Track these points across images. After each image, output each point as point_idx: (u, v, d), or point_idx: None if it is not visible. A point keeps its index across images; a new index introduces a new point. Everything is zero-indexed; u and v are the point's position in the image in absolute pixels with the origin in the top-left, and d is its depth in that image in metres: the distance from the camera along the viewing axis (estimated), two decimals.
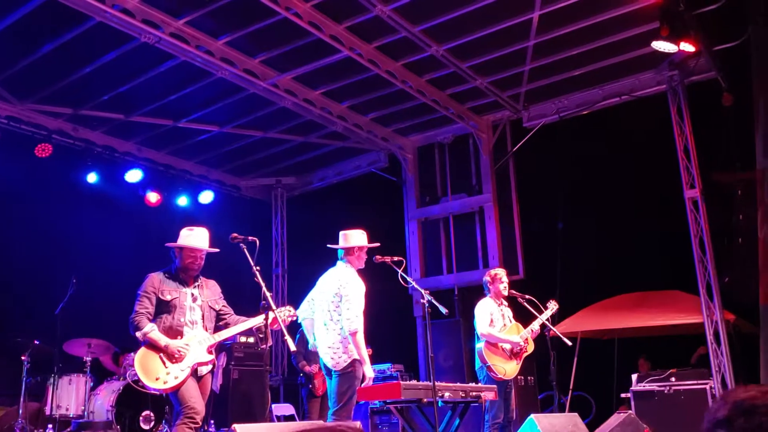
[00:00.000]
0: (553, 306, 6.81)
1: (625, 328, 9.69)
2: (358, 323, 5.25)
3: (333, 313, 5.40)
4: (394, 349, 9.34)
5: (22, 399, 7.14)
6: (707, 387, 7.37)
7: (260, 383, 8.10)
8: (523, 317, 6.76)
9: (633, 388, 7.73)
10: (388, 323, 8.36)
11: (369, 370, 5.31)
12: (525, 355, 6.60)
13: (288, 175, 12.20)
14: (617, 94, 9.32)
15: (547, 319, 6.69)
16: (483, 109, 10.17)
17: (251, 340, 8.40)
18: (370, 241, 5.67)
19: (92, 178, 9.61)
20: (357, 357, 5.27)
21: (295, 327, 7.68)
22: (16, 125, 8.98)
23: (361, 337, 5.27)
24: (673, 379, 7.52)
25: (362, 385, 5.21)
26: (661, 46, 7.33)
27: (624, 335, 10.13)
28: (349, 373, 5.22)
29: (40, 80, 8.54)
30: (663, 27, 7.07)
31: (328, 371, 5.38)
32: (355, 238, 5.61)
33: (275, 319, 4.71)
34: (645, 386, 7.63)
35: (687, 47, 7.30)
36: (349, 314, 5.28)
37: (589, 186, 9.29)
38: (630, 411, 6.90)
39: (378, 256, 5.58)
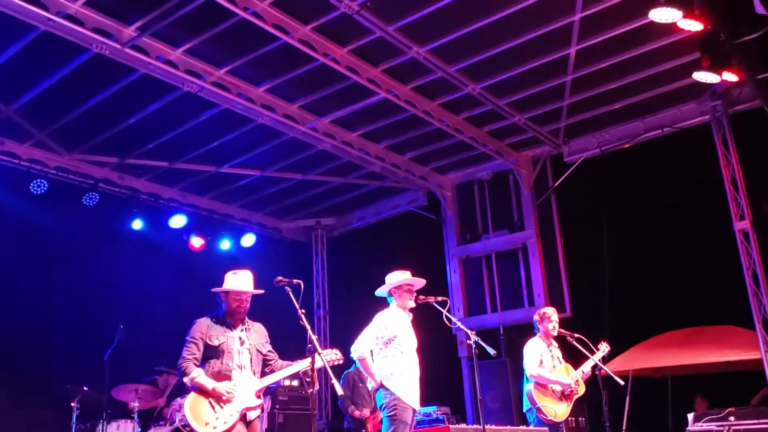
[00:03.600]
0: (604, 348, 6.65)
1: (679, 366, 9.35)
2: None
3: (376, 355, 5.46)
4: (440, 390, 9.15)
5: None
6: None
7: (306, 427, 8.06)
8: (572, 356, 6.59)
9: (690, 428, 7.43)
10: (432, 364, 8.21)
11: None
12: (576, 397, 6.42)
13: (327, 216, 12.29)
14: (659, 127, 9.18)
15: (599, 360, 6.51)
16: (522, 145, 10.13)
17: (296, 383, 8.35)
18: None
19: (137, 224, 9.83)
20: (398, 396, 5.24)
21: (339, 371, 7.64)
22: (65, 175, 9.29)
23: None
24: (732, 418, 7.18)
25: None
26: (703, 76, 7.20)
27: (677, 373, 9.77)
28: (392, 415, 5.20)
29: (87, 131, 8.84)
30: (704, 57, 6.96)
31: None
32: (389, 279, 5.69)
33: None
34: (703, 426, 7.31)
35: (730, 77, 7.15)
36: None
37: (634, 220, 9.11)
38: None
39: (421, 297, 5.63)
